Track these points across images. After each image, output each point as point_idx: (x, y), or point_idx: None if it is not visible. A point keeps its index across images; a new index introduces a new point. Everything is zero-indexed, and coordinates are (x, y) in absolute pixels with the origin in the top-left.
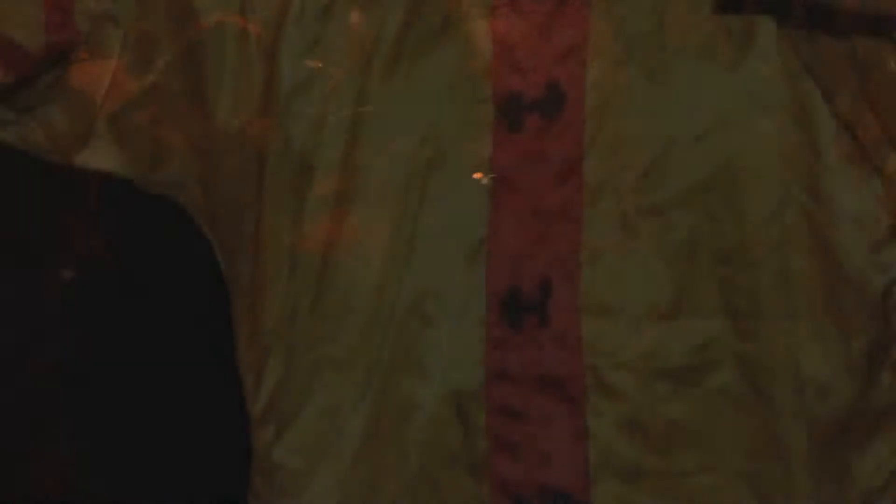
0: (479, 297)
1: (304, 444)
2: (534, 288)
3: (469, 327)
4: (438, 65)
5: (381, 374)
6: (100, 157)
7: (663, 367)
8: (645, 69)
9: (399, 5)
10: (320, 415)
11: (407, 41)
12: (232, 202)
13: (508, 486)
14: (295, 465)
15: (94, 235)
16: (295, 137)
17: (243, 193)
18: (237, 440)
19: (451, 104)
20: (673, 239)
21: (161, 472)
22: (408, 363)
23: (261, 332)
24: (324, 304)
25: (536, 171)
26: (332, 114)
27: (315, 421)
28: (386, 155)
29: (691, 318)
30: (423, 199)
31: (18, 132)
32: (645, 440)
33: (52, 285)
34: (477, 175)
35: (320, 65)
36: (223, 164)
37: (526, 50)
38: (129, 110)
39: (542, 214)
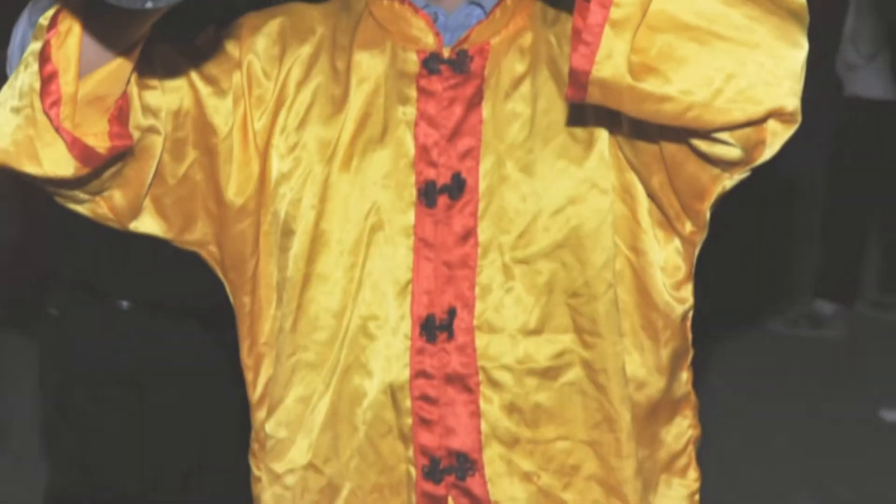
0: (406, 320)
1: (287, 421)
2: (444, 314)
3: (399, 341)
4: (379, 161)
5: (339, 373)
6: (146, 225)
7: (532, 367)
8: (520, 164)
9: (351, 120)
10: (298, 401)
11: (357, 144)
12: (237, 255)
13: (426, 449)
14: (281, 435)
15: (146, 277)
16: (280, 211)
17: (245, 249)
18: (241, 418)
19: (387, 188)
20: (538, 280)
21: (192, 439)
22: (357, 365)
23: (257, 344)
24: (300, 324)
25: (445, 235)
26: (305, 195)
27: (294, 405)
28: (342, 222)
29: (551, 334)
30: (368, 253)
31: (91, 207)
32: (520, 418)
33: (112, 312)
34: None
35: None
36: (231, 229)
37: (438, 151)
38: (166, 193)
39: (449, 264)
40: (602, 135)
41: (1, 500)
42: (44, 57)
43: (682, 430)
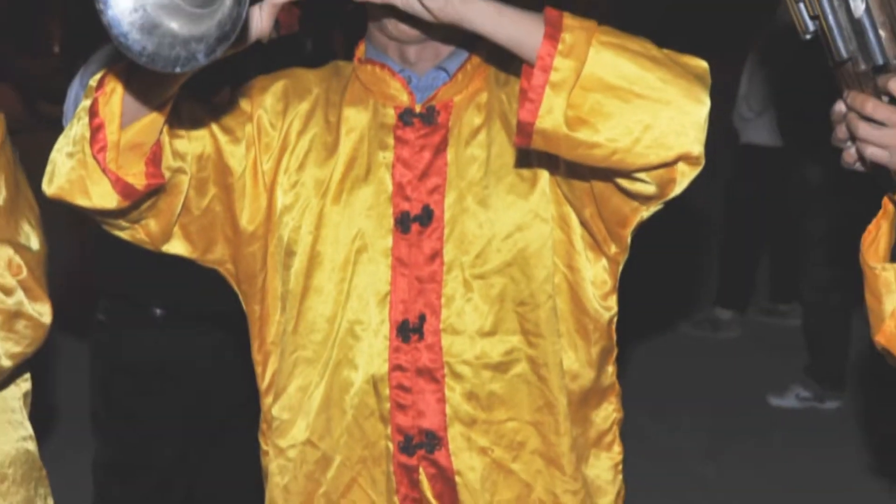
0: (385, 324)
1: (289, 405)
2: (416, 319)
3: (380, 341)
4: (363, 196)
5: (331, 367)
6: (176, 247)
7: (487, 362)
8: (478, 198)
9: (341, 163)
10: (298, 389)
11: (346, 182)
12: (249, 271)
13: (402, 428)
14: (284, 417)
15: (175, 289)
16: (284, 236)
17: (255, 267)
18: (252, 403)
19: (370, 218)
20: (492, 292)
21: (212, 420)
22: (346, 361)
23: (265, 344)
24: (300, 327)
25: (417, 255)
26: (304, 223)
27: (295, 392)
28: (334, 245)
29: (502, 335)
30: (355, 270)
31: (130, 233)
32: (477, 403)
33: (148, 318)
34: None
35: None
36: (244, 251)
37: (411, 188)
38: (192, 221)
39: (420, 279)
40: (544, 175)
41: (54, 476)
42: (93, 112)
43: (608, 413)
